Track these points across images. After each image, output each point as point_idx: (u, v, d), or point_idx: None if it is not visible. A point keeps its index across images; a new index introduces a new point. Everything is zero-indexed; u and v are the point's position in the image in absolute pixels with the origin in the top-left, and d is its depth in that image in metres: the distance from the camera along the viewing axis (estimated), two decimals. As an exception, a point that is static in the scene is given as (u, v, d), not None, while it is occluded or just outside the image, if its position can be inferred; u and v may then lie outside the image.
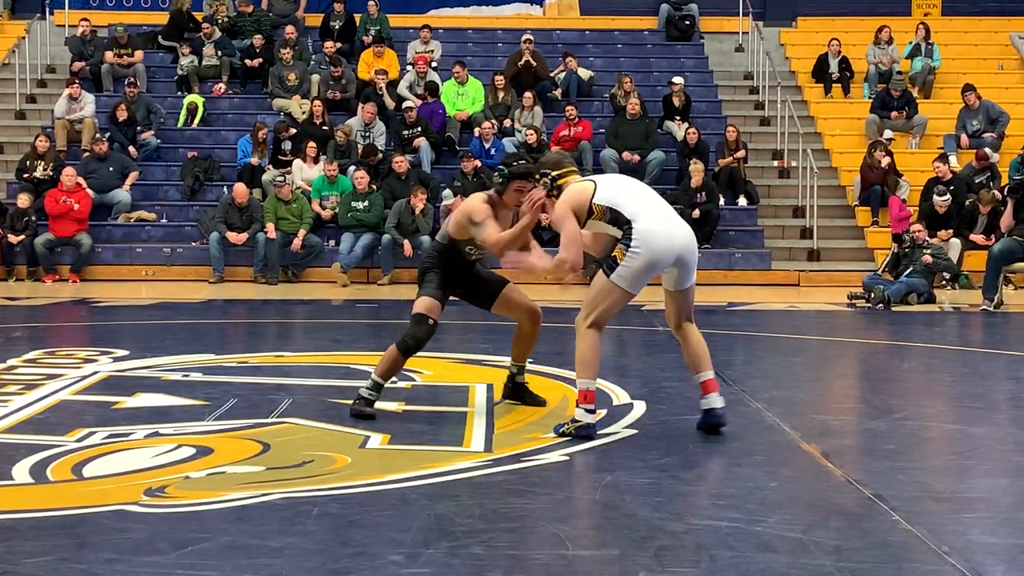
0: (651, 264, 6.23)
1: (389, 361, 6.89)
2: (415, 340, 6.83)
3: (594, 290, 6.35)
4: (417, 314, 6.85)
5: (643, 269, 6.23)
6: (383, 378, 6.91)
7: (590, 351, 6.33)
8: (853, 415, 7.62)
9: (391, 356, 6.88)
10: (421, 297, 6.90)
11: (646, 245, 6.19)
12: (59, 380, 8.04)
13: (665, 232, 6.26)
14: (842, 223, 18.61)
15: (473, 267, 7.08)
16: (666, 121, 19.62)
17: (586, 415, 6.34)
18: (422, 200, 16.78)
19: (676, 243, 6.27)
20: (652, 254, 6.20)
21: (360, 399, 6.88)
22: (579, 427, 6.33)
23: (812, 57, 21.72)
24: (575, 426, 6.34)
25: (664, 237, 6.24)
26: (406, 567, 4.20)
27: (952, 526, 4.82)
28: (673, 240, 6.26)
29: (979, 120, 19.58)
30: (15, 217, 17.09)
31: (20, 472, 5.52)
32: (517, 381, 7.31)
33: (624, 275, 6.24)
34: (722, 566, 4.27)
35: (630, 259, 6.21)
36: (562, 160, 6.64)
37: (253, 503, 5.00)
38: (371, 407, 6.86)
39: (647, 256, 6.20)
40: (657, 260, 6.23)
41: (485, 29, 23.24)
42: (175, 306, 14.02)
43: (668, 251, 6.24)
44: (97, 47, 20.98)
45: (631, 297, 6.41)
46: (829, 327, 12.88)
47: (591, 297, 6.36)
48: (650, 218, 6.27)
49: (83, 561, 4.26)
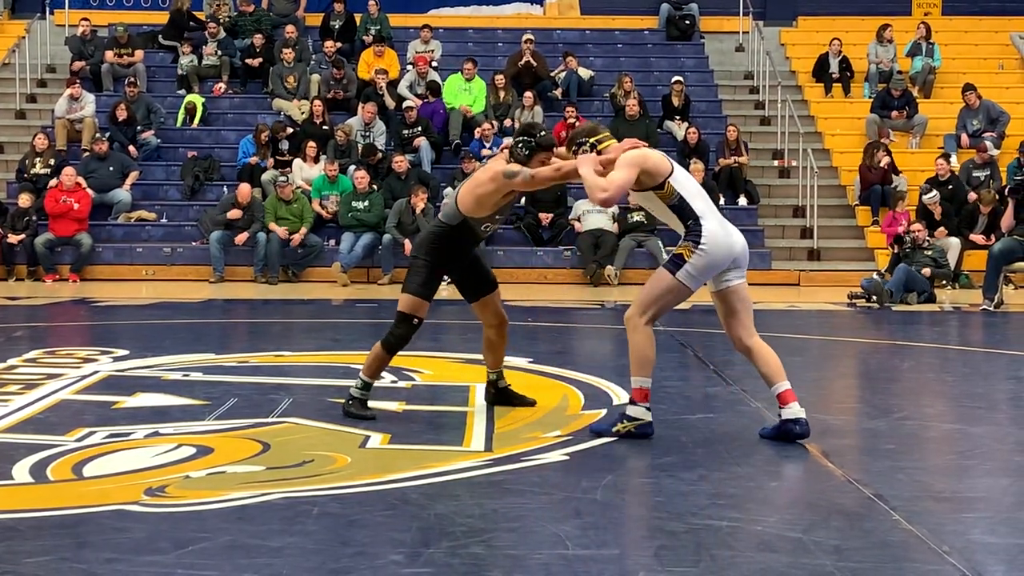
0: (715, 264, 6.23)
1: (375, 359, 6.86)
2: (398, 339, 6.80)
3: (657, 287, 6.30)
4: (400, 313, 6.79)
5: (708, 268, 6.23)
6: (371, 377, 6.88)
7: (649, 347, 6.30)
8: (853, 415, 7.62)
9: (376, 354, 6.85)
10: (405, 295, 6.81)
11: (714, 244, 6.20)
12: (59, 380, 8.03)
13: (726, 234, 6.27)
14: (842, 223, 18.61)
15: (473, 251, 6.98)
16: (666, 121, 19.62)
17: (644, 412, 6.31)
18: (423, 200, 16.78)
19: (735, 248, 6.28)
20: (718, 254, 6.21)
21: (352, 399, 6.87)
22: (639, 425, 6.30)
23: (812, 57, 21.72)
24: (634, 424, 6.29)
25: (727, 240, 6.25)
26: (406, 567, 4.20)
27: (952, 526, 4.81)
28: (733, 246, 6.27)
29: (979, 120, 19.59)
30: (15, 217, 17.10)
31: (20, 472, 5.52)
32: (500, 386, 7.26)
33: (691, 273, 6.22)
34: (722, 566, 4.27)
35: (698, 257, 6.19)
36: (596, 127, 6.53)
37: (253, 503, 5.00)
38: (366, 407, 6.84)
39: (713, 255, 6.20)
40: (722, 261, 6.24)
41: (485, 29, 23.24)
42: (175, 306, 14.02)
43: (729, 254, 6.25)
44: (97, 47, 20.99)
45: (690, 295, 6.40)
46: (829, 327, 12.89)
47: (652, 294, 6.30)
48: (716, 220, 6.29)
49: (83, 561, 4.26)
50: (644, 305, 6.31)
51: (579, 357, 10.06)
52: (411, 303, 6.80)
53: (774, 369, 6.36)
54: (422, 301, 6.80)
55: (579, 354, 10.46)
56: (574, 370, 8.58)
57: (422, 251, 6.86)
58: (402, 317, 6.79)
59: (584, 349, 10.91)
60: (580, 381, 8.11)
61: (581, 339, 11.68)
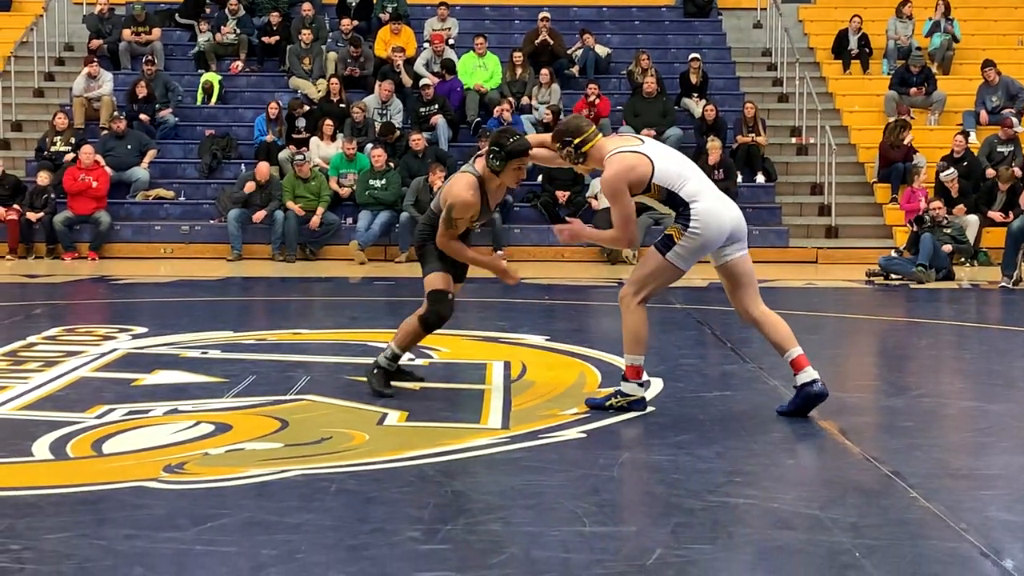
0: (707, 244, 6.24)
1: (411, 333, 6.85)
2: (438, 317, 6.77)
3: (647, 267, 6.33)
4: (436, 291, 6.76)
5: (699, 249, 6.25)
6: (401, 349, 6.88)
7: (641, 326, 6.33)
8: (871, 392, 7.62)
9: (413, 328, 6.83)
10: (432, 274, 6.79)
11: (706, 226, 6.19)
12: (79, 357, 8.07)
13: (720, 214, 6.25)
14: (860, 200, 18.56)
15: (468, 238, 6.94)
16: (683, 98, 19.58)
17: (637, 389, 6.37)
18: (440, 177, 16.73)
19: (726, 223, 6.26)
20: (710, 235, 6.21)
21: (377, 368, 6.84)
22: (632, 401, 6.35)
23: (830, 33, 21.62)
24: (627, 400, 6.35)
25: (719, 220, 6.23)
26: (424, 543, 4.21)
27: (970, 503, 4.81)
28: (723, 225, 6.25)
29: (998, 96, 19.50)
30: (34, 195, 17.15)
31: (40, 448, 5.55)
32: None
33: (681, 254, 6.25)
34: (739, 543, 4.28)
35: (689, 239, 6.21)
36: (581, 125, 6.42)
37: (272, 480, 5.02)
38: (388, 383, 6.81)
39: (705, 237, 6.21)
40: (714, 241, 6.25)
41: (502, 6, 23.17)
42: (193, 284, 14.05)
43: (720, 234, 6.25)
44: (115, 25, 21.01)
45: (681, 275, 6.43)
46: (847, 304, 12.87)
47: (644, 273, 6.33)
48: (708, 199, 6.26)
49: (103, 537, 4.28)
50: (636, 284, 6.34)
51: (596, 335, 10.06)
52: (439, 279, 6.77)
53: (784, 336, 6.36)
54: (447, 275, 6.79)
55: (596, 332, 10.46)
56: (591, 348, 8.58)
57: (422, 238, 6.88)
58: (438, 295, 6.75)
59: (601, 327, 10.91)
60: (597, 359, 8.12)
61: (598, 317, 11.68)
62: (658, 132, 18.21)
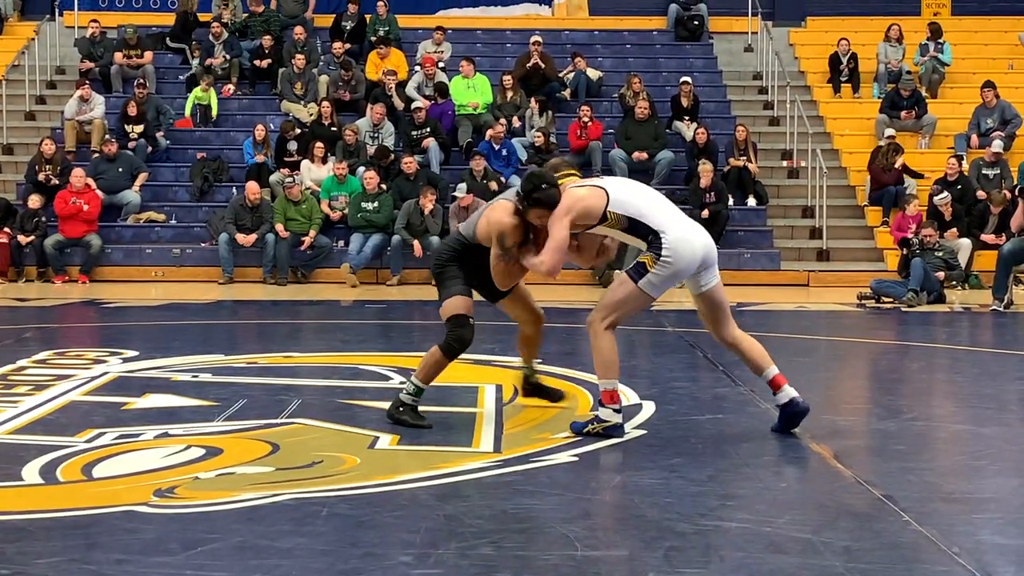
0: (679, 273, 6.32)
1: (432, 364, 6.66)
2: (460, 342, 6.60)
3: (618, 294, 6.39)
4: (456, 316, 6.60)
5: (671, 277, 6.33)
6: (424, 382, 6.68)
7: (611, 351, 6.39)
8: (863, 416, 7.61)
9: (435, 359, 6.64)
10: (453, 298, 6.63)
11: (678, 255, 6.25)
12: (69, 381, 8.05)
13: (691, 242, 6.31)
14: (852, 223, 18.59)
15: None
16: (675, 121, 19.62)
17: (613, 415, 6.37)
18: (431, 200, 16.80)
19: (699, 253, 6.33)
20: (681, 264, 6.27)
21: (403, 406, 6.65)
22: (607, 427, 6.35)
23: (821, 57, 21.70)
24: (603, 426, 6.36)
25: (691, 248, 6.30)
26: (415, 568, 4.20)
27: (962, 527, 4.81)
28: (696, 252, 6.31)
29: (993, 119, 19.57)
30: (25, 218, 17.13)
31: (30, 473, 5.53)
32: (532, 381, 7.28)
33: (653, 283, 6.31)
34: (732, 567, 4.27)
35: (661, 268, 6.27)
36: (559, 166, 6.60)
37: (263, 504, 5.01)
38: (419, 414, 6.64)
39: (677, 266, 6.27)
40: (685, 269, 6.31)
41: (494, 30, 23.25)
42: (184, 307, 14.03)
43: (693, 260, 6.31)
44: (106, 48, 21.03)
45: (651, 303, 6.51)
46: (838, 327, 12.87)
47: (614, 300, 6.39)
48: (678, 229, 6.31)
49: (93, 562, 4.26)
50: (605, 310, 6.40)
51: (588, 358, 10.00)
52: (458, 303, 6.63)
53: (759, 357, 6.52)
54: (466, 299, 6.66)
55: (588, 355, 10.40)
56: (583, 371, 8.56)
57: (443, 260, 6.74)
58: (459, 320, 6.60)
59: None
60: (588, 382, 8.10)
61: (590, 340, 11.65)
62: (649, 155, 18.27)
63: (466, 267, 6.71)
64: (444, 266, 6.73)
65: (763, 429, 6.60)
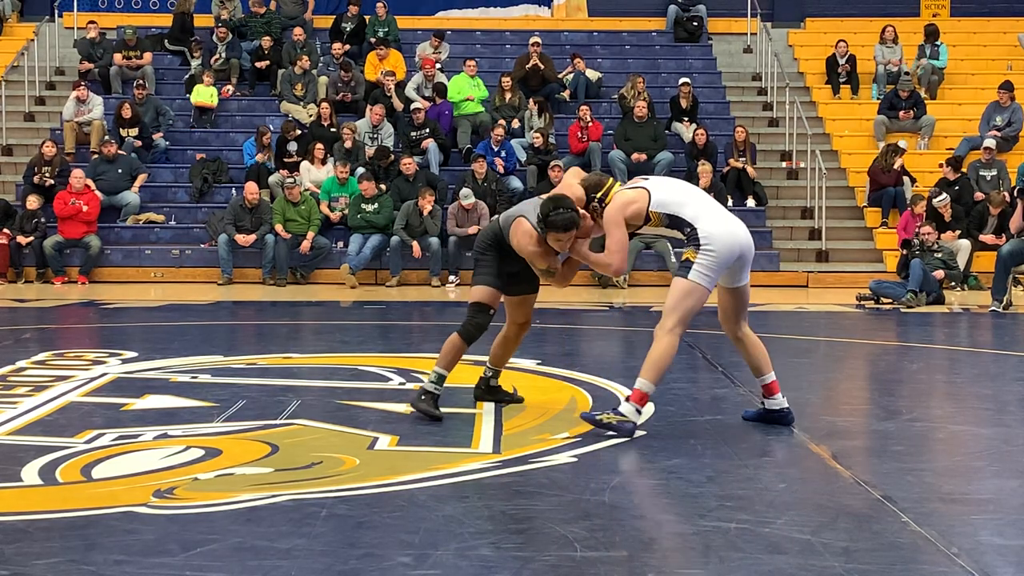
0: (724, 259, 6.45)
1: (452, 351, 6.87)
2: (478, 328, 6.83)
3: (675, 295, 6.48)
4: (477, 303, 6.85)
5: (718, 264, 6.44)
6: (447, 369, 6.89)
7: (667, 356, 6.44)
8: (862, 416, 7.62)
9: (454, 345, 6.86)
10: (479, 287, 6.89)
11: (717, 241, 6.41)
12: (68, 382, 8.05)
13: (728, 230, 6.50)
14: (851, 224, 18.60)
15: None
16: (674, 122, 19.62)
17: (634, 413, 6.41)
18: (430, 202, 16.80)
19: (739, 240, 6.52)
20: (723, 249, 6.43)
21: (426, 394, 6.84)
22: (622, 421, 6.39)
23: (820, 58, 21.70)
24: (618, 419, 6.39)
25: (729, 235, 6.47)
26: (414, 568, 4.20)
27: (961, 527, 4.81)
28: (737, 237, 6.51)
29: (1003, 117, 19.56)
30: (24, 219, 17.13)
31: (29, 474, 5.53)
32: (492, 384, 7.34)
33: (702, 272, 6.43)
34: (731, 568, 4.27)
35: (704, 256, 6.41)
36: (601, 180, 6.77)
37: (262, 504, 5.01)
38: (436, 405, 6.82)
39: (719, 251, 6.42)
40: (728, 255, 6.45)
41: (493, 31, 23.25)
42: (184, 308, 14.03)
43: (735, 246, 6.48)
44: (106, 49, 21.03)
45: (708, 295, 6.55)
46: (838, 328, 12.87)
47: (672, 301, 6.48)
48: (712, 218, 6.50)
49: (92, 563, 4.26)
50: (668, 313, 6.49)
51: (587, 359, 10.06)
52: (486, 294, 6.86)
53: (762, 359, 6.70)
54: (496, 292, 6.88)
55: (587, 356, 10.46)
56: (582, 372, 8.57)
57: (484, 246, 6.95)
58: (479, 307, 6.84)
59: (592, 351, 10.91)
60: (588, 383, 8.11)
61: (589, 341, 11.68)
62: (648, 156, 18.26)
63: (503, 255, 6.90)
64: (483, 252, 6.96)
65: (762, 430, 6.61)
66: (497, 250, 6.90)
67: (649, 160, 18.28)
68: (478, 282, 6.92)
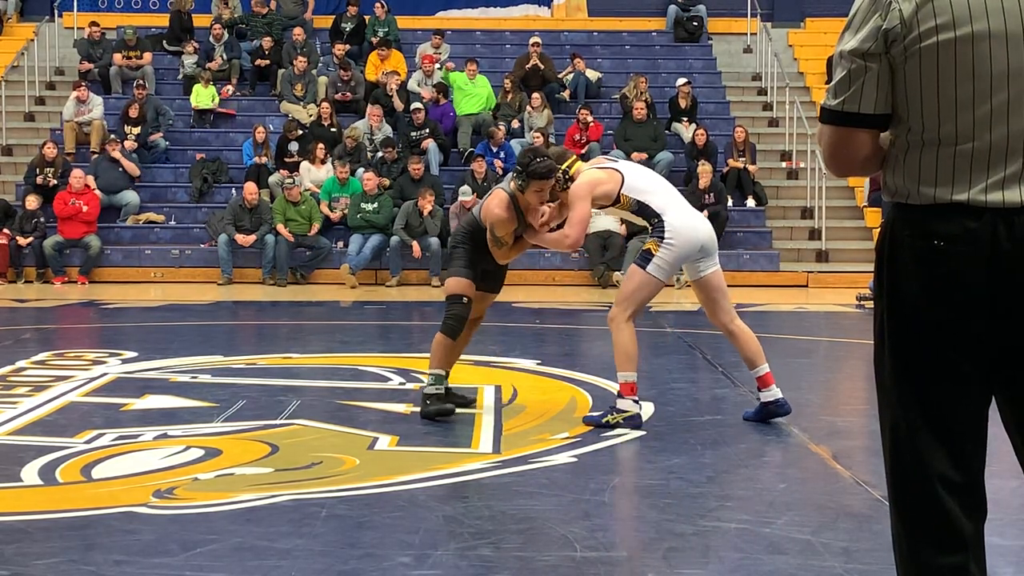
0: (683, 255, 6.54)
1: (440, 350, 6.90)
2: (457, 319, 6.87)
3: (630, 284, 6.60)
4: (451, 295, 6.90)
5: (676, 259, 6.54)
6: (441, 368, 6.91)
7: (631, 344, 6.57)
8: (862, 416, 7.61)
9: (440, 344, 6.89)
10: (452, 278, 6.94)
11: (679, 236, 6.50)
12: (68, 382, 8.05)
13: (691, 225, 6.58)
14: (851, 224, 18.59)
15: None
16: (674, 122, 19.62)
17: (632, 405, 6.53)
18: (430, 202, 16.79)
19: (700, 235, 6.58)
20: (684, 244, 6.50)
21: (429, 398, 6.85)
22: (627, 417, 6.51)
23: (820, 58, 21.67)
24: (622, 416, 6.51)
25: (691, 229, 6.55)
26: (414, 568, 4.20)
27: (961, 528, 4.80)
28: (698, 232, 6.58)
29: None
30: (24, 219, 17.13)
31: (29, 474, 5.53)
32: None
33: (661, 266, 6.54)
34: (731, 567, 4.27)
35: (665, 250, 6.50)
36: (564, 153, 6.89)
37: (261, 505, 5.01)
38: (442, 400, 6.85)
39: (680, 247, 6.50)
40: (687, 251, 6.54)
41: (493, 31, 23.25)
42: (184, 308, 14.03)
43: (696, 241, 6.55)
44: (106, 49, 21.02)
45: (662, 287, 6.69)
46: (838, 328, 12.87)
47: (628, 290, 6.59)
48: (677, 211, 6.59)
49: (92, 563, 4.26)
50: (622, 303, 6.61)
51: (587, 359, 10.06)
52: (458, 284, 6.91)
53: (755, 351, 6.75)
54: (468, 281, 6.92)
55: (587, 356, 10.45)
56: (582, 372, 8.57)
57: (459, 239, 7.03)
58: (452, 299, 6.89)
59: (592, 351, 10.90)
60: (588, 383, 8.11)
61: (589, 341, 11.67)
62: (648, 156, 18.24)
63: (478, 249, 6.95)
64: (457, 246, 7.04)
65: (762, 430, 6.61)
66: (472, 243, 6.94)
67: (649, 160, 18.27)
68: (452, 273, 6.98)
